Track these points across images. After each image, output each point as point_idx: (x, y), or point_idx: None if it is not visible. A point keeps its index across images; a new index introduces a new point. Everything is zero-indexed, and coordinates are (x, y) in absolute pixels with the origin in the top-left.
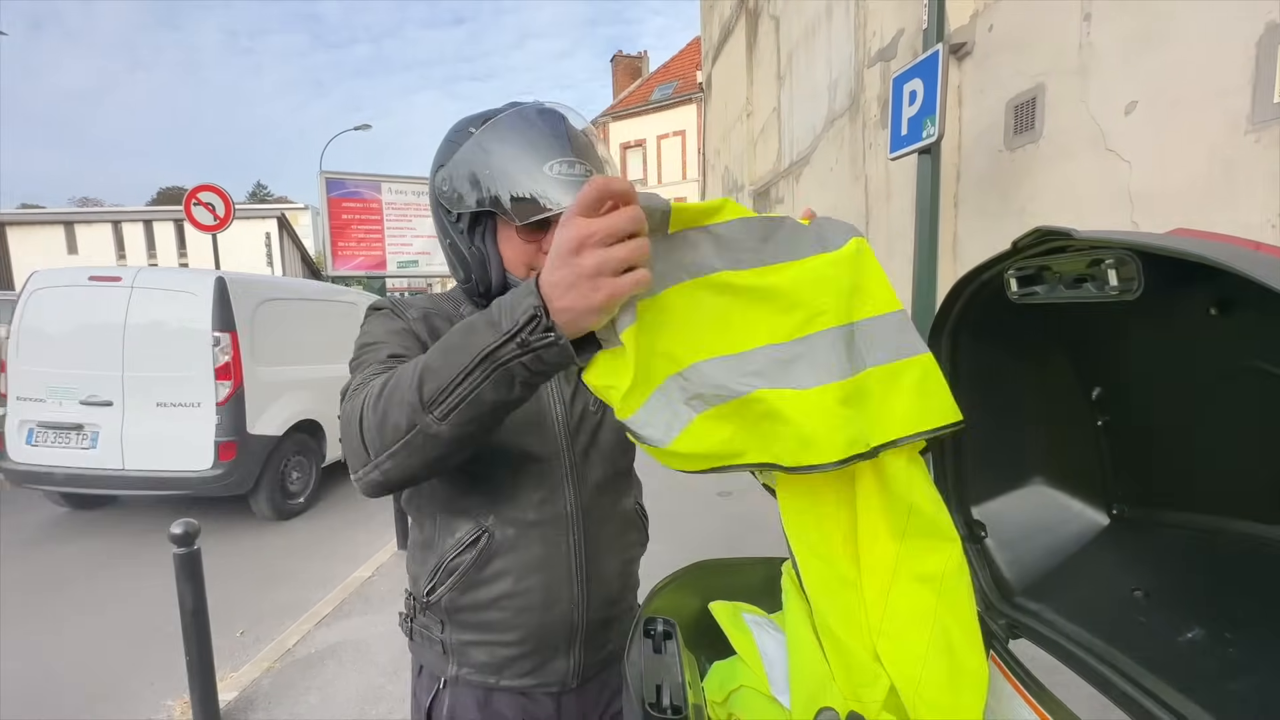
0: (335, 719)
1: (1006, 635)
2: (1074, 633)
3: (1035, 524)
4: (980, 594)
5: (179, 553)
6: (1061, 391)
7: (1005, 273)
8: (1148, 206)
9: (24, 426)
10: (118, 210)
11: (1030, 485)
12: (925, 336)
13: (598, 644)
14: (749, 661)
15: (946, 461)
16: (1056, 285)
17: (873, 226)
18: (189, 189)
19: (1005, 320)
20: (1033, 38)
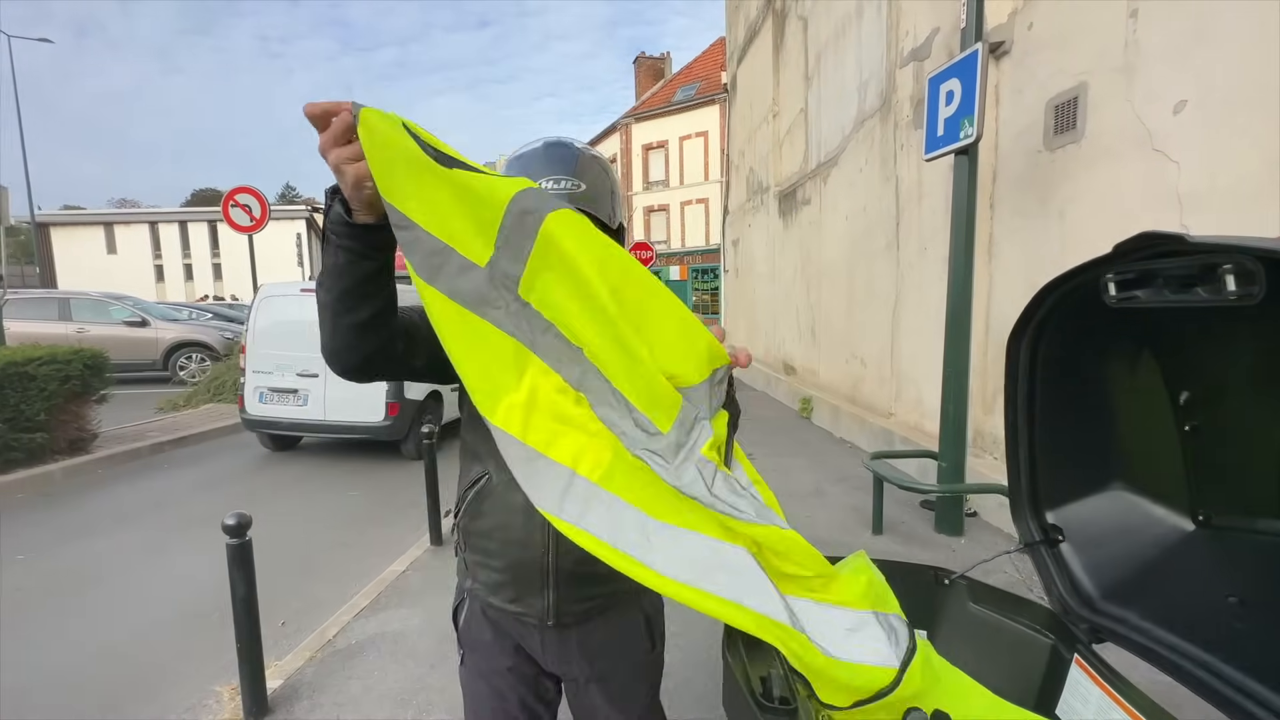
0: (378, 708)
1: (1090, 639)
2: (1166, 638)
3: (1114, 529)
4: (1057, 598)
5: (232, 543)
6: (1146, 395)
7: (1102, 277)
8: (1197, 207)
9: (257, 390)
10: (154, 211)
11: (1109, 490)
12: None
13: (573, 595)
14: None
15: (1020, 464)
16: (1161, 290)
17: (904, 227)
18: (221, 190)
19: (1091, 323)
20: (1075, 36)
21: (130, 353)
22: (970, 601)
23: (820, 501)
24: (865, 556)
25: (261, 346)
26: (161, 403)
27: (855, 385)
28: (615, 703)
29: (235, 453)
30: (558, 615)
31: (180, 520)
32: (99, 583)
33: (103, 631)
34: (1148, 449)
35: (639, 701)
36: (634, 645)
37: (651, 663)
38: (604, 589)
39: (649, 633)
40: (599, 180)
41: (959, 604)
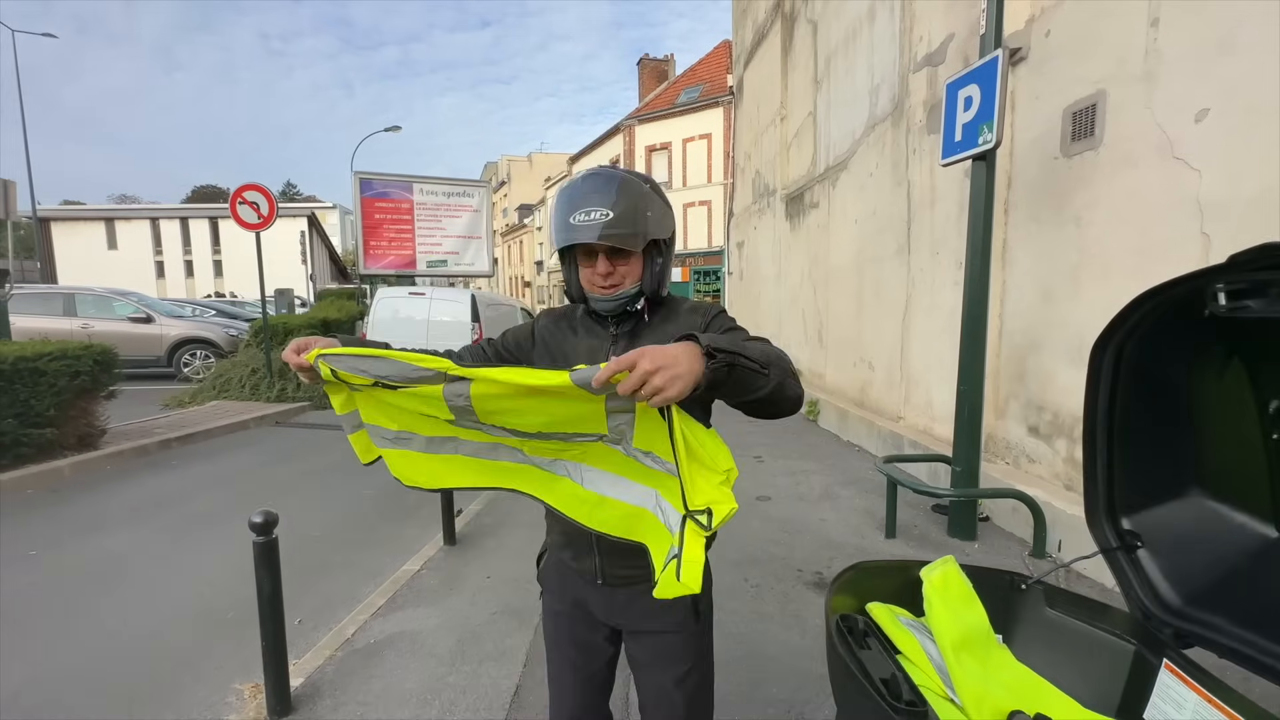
0: (401, 707)
1: (1177, 643)
2: (1259, 642)
3: (1194, 535)
4: (1138, 604)
5: (258, 541)
6: (1233, 404)
7: (1210, 286)
8: (1218, 216)
9: None
10: (155, 207)
11: (1189, 497)
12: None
13: (617, 561)
14: (919, 663)
15: (1098, 470)
16: (1276, 301)
17: (915, 231)
18: (222, 187)
19: (1181, 332)
20: (1093, 43)
21: (134, 349)
22: (1047, 606)
23: (831, 505)
24: (954, 561)
25: (377, 335)
26: (167, 399)
27: (863, 389)
28: (660, 662)
29: (243, 450)
30: (605, 576)
31: (191, 518)
32: (112, 579)
33: (119, 629)
34: (1231, 457)
35: (682, 665)
36: (677, 615)
37: (695, 634)
38: (644, 560)
39: (693, 606)
40: (629, 205)
41: (1036, 609)
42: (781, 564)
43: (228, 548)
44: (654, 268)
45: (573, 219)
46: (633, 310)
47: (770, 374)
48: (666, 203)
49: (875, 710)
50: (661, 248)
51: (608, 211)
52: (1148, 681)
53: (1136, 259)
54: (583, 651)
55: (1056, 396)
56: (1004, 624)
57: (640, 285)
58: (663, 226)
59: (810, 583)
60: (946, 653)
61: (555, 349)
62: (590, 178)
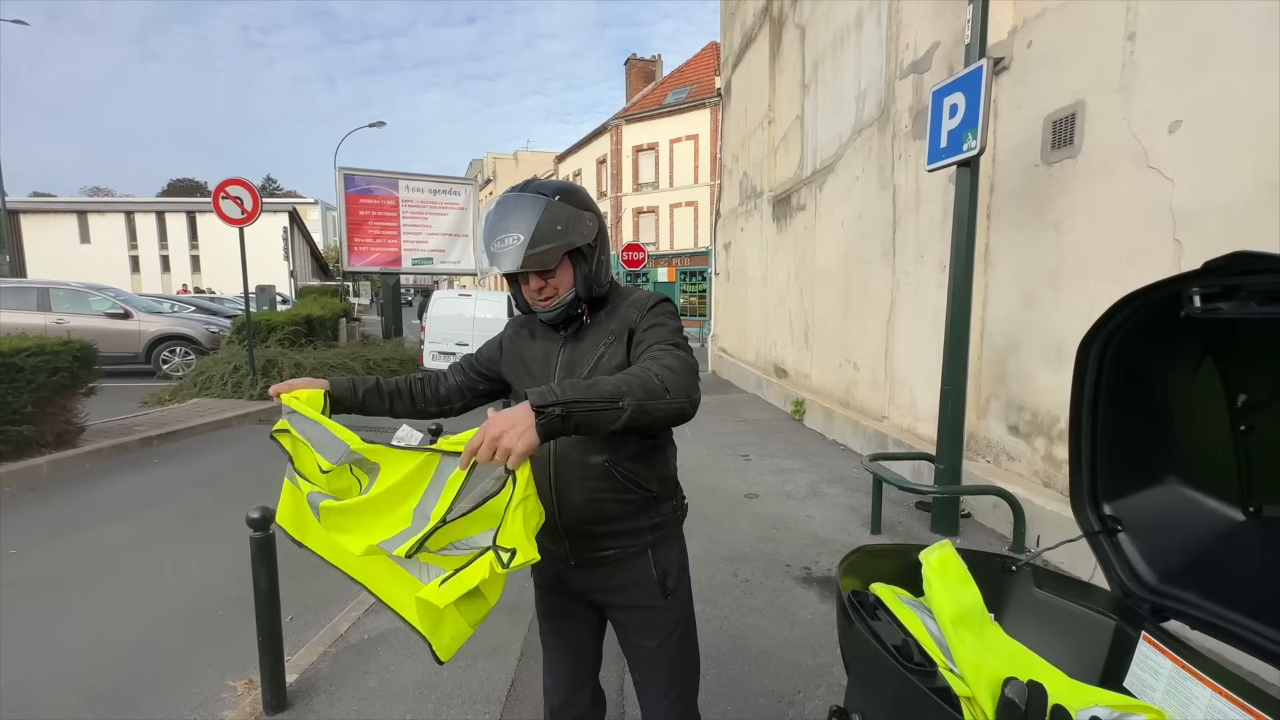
0: (397, 702)
1: (1154, 617)
2: (1228, 615)
3: (1168, 519)
4: (1118, 583)
5: (255, 536)
6: (1205, 399)
7: (1186, 289)
8: (1190, 225)
9: (430, 352)
10: (130, 201)
11: (1164, 484)
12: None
13: (582, 545)
14: (923, 641)
15: (1083, 460)
16: (1246, 303)
17: (900, 234)
18: (199, 180)
19: (1160, 331)
20: (1073, 55)
21: (112, 345)
22: (1035, 586)
23: (818, 502)
24: (950, 545)
25: (433, 327)
26: (146, 397)
27: (848, 389)
28: (640, 633)
29: (225, 448)
30: (575, 558)
31: (174, 516)
32: (96, 578)
33: (105, 628)
34: (1202, 447)
35: (659, 636)
36: (647, 592)
37: (668, 608)
38: (611, 544)
39: (661, 585)
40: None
41: (1025, 589)
42: (770, 560)
43: (214, 546)
44: (583, 273)
45: (491, 247)
46: (574, 314)
47: (624, 404)
48: (583, 204)
49: (891, 672)
50: (585, 253)
51: (519, 236)
52: (1128, 653)
53: (1113, 264)
54: (568, 620)
55: (1036, 397)
56: (996, 603)
57: (574, 291)
58: (580, 234)
59: (798, 578)
60: (946, 628)
61: (517, 357)
62: (501, 203)
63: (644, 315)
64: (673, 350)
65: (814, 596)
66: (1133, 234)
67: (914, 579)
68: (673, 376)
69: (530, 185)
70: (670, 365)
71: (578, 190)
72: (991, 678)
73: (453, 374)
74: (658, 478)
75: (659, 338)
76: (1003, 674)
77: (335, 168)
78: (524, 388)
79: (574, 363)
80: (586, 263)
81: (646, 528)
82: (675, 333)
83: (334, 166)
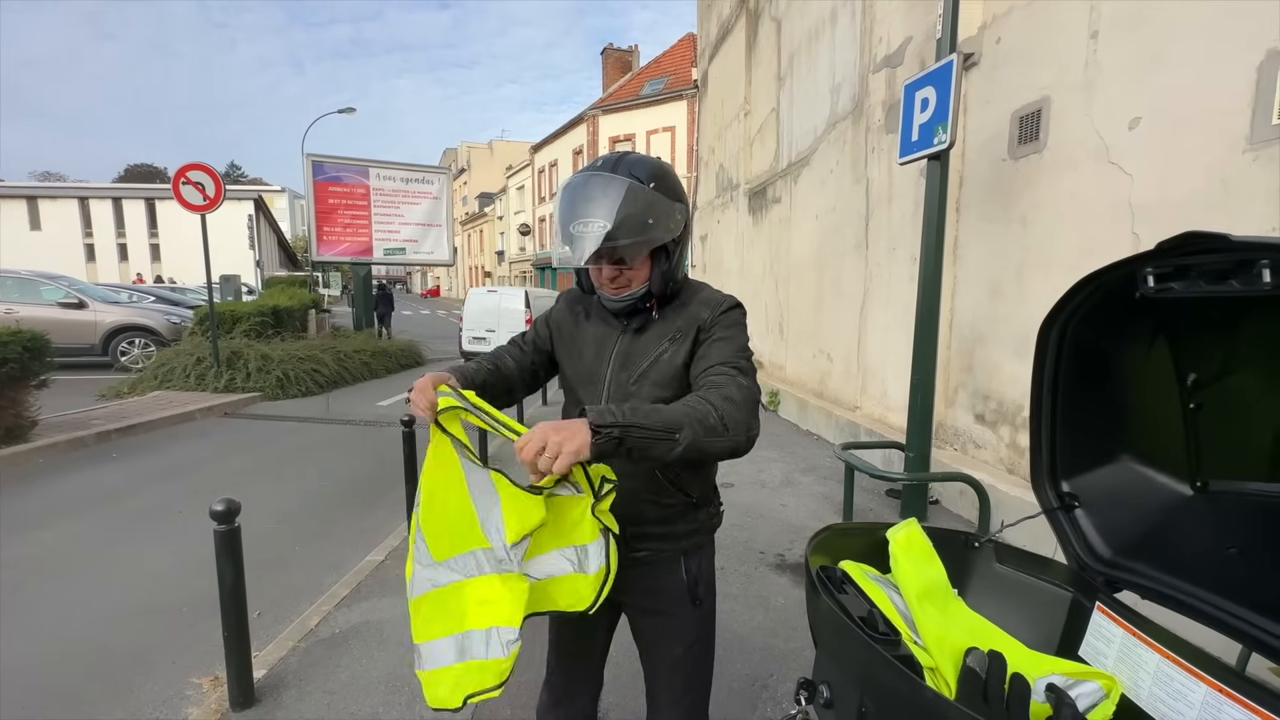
0: (369, 695)
1: (1107, 589)
2: (1176, 584)
3: (1122, 495)
4: (1074, 557)
5: (220, 529)
6: (1157, 378)
7: (1140, 270)
8: (1147, 218)
9: (467, 337)
10: (84, 186)
11: (1119, 461)
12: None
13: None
14: (889, 614)
15: (1042, 439)
16: (1196, 282)
17: (873, 227)
18: (158, 166)
19: (1116, 313)
20: (1039, 53)
21: (66, 336)
22: (996, 562)
23: (792, 491)
24: (916, 523)
25: (470, 317)
26: (104, 389)
27: (822, 380)
28: (665, 637)
29: (190, 442)
30: None
31: (136, 511)
32: (52, 576)
33: (62, 627)
34: (1154, 425)
35: (683, 644)
36: (676, 597)
37: (696, 616)
38: (644, 546)
39: (691, 591)
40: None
41: (986, 564)
42: (744, 548)
43: (178, 542)
44: (662, 269)
45: (572, 227)
46: (643, 307)
47: (680, 437)
48: (675, 196)
49: (856, 642)
50: (669, 248)
51: (606, 223)
52: (1083, 623)
53: (1075, 257)
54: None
55: (1001, 386)
56: (959, 578)
57: (648, 286)
58: (668, 229)
59: (772, 565)
60: (911, 602)
61: (568, 339)
62: (592, 181)
63: (715, 318)
64: (736, 379)
65: (787, 583)
66: (1094, 228)
67: (881, 557)
68: (734, 411)
69: (623, 164)
70: (732, 397)
71: (672, 176)
72: (954, 649)
73: (510, 357)
74: (700, 483)
75: (724, 356)
76: (965, 645)
77: (303, 154)
78: (574, 372)
79: (631, 356)
80: (668, 258)
81: (682, 533)
82: (741, 351)
83: (302, 153)
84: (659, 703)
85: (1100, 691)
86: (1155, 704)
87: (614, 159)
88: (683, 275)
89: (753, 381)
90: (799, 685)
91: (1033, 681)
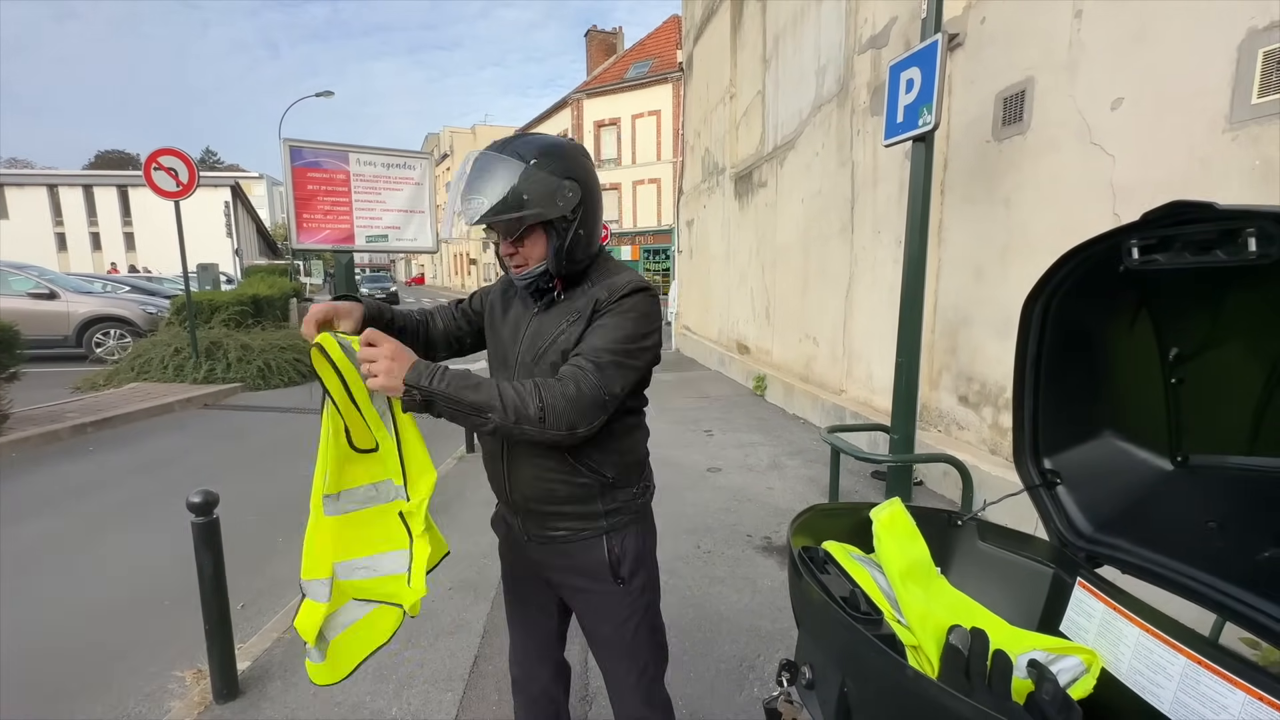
0: (357, 684)
1: (1088, 564)
2: (1157, 558)
3: (1103, 471)
4: (1056, 533)
5: (198, 521)
6: (1139, 353)
7: (1125, 242)
8: (1129, 199)
9: None
10: (53, 173)
11: (1100, 438)
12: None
13: (536, 525)
14: (871, 594)
15: (1025, 416)
16: (1180, 253)
17: (858, 210)
18: (130, 153)
19: (1099, 287)
20: (1024, 32)
21: (37, 328)
22: (979, 540)
23: (778, 474)
24: (900, 502)
25: None
26: (79, 381)
27: (808, 364)
28: (593, 617)
29: (169, 434)
30: (528, 534)
31: (113, 505)
32: (28, 572)
33: (39, 622)
34: (1136, 401)
35: (612, 622)
36: (599, 575)
37: (623, 594)
38: (561, 525)
39: (613, 569)
40: (507, 189)
41: (969, 542)
42: (731, 531)
43: (158, 535)
44: (554, 246)
45: (457, 204)
46: (547, 287)
47: (490, 418)
48: (565, 172)
49: (838, 622)
50: (559, 225)
51: (484, 200)
52: (1064, 598)
53: (1058, 238)
54: (530, 596)
55: (984, 368)
56: (942, 557)
57: (545, 264)
58: (552, 205)
59: (759, 548)
60: (894, 581)
61: (495, 319)
62: (476, 160)
63: (611, 303)
64: (586, 375)
65: (774, 565)
66: (1076, 209)
67: (865, 537)
68: (563, 406)
69: (511, 145)
70: (567, 393)
71: (565, 153)
72: (937, 627)
73: (440, 317)
74: (615, 463)
75: (591, 345)
76: (947, 623)
77: (280, 139)
78: (493, 350)
79: (538, 336)
80: (560, 236)
81: (600, 513)
82: (617, 342)
83: (279, 138)
84: (610, 683)
85: (1081, 666)
86: (1135, 677)
87: (509, 139)
88: (600, 256)
89: (608, 378)
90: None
91: (1015, 658)
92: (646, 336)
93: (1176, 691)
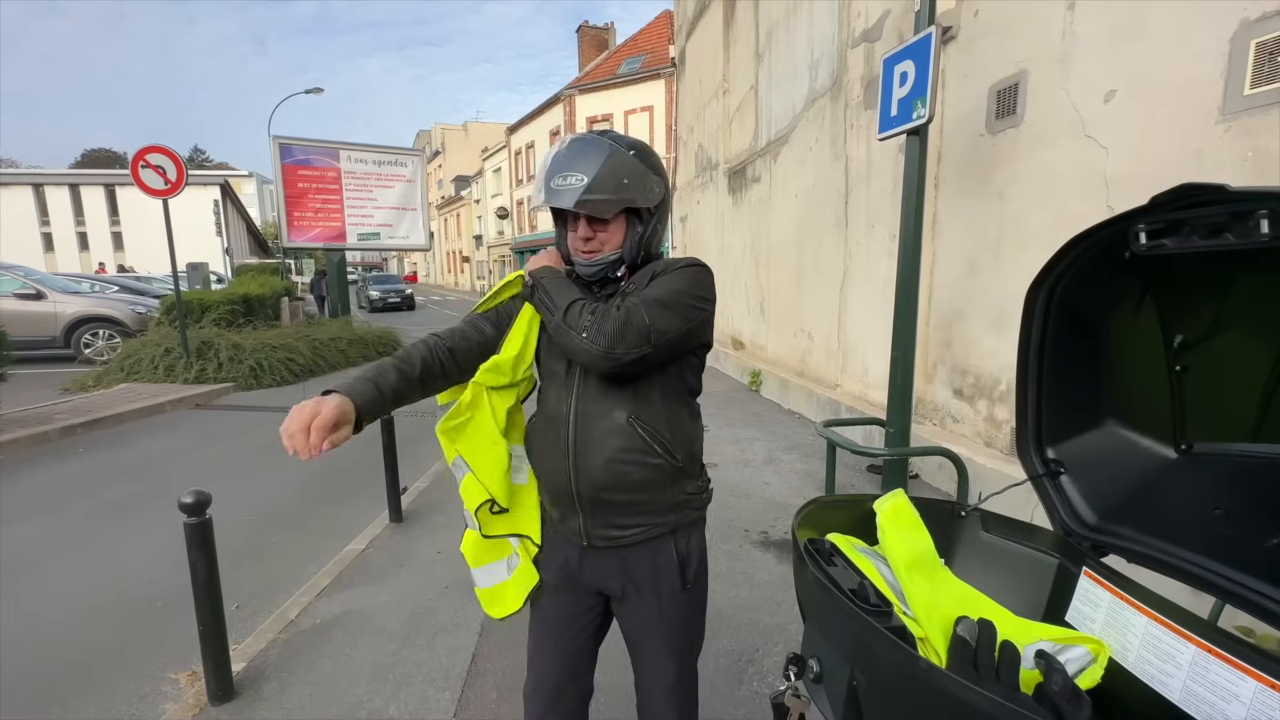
0: (353, 684)
1: (1094, 553)
2: (1162, 547)
3: (1106, 459)
4: (1060, 523)
5: (190, 522)
6: (1145, 341)
7: (1132, 227)
8: (1122, 192)
9: None
10: (39, 172)
11: (1104, 426)
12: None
13: (604, 523)
14: (877, 584)
15: (1028, 405)
16: (1189, 237)
17: (852, 205)
18: (117, 151)
19: (1104, 273)
20: (1017, 25)
21: (24, 329)
22: (983, 530)
23: (774, 469)
24: (903, 494)
25: None
26: (68, 383)
27: (803, 358)
28: (651, 626)
29: (160, 435)
30: (589, 538)
31: (105, 507)
32: (19, 574)
33: (31, 625)
34: (1140, 389)
35: (669, 633)
36: (666, 579)
37: (685, 601)
38: (631, 523)
39: (681, 572)
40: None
41: (973, 533)
42: (729, 525)
43: (151, 536)
44: (634, 235)
45: (552, 183)
46: (613, 276)
47: (555, 318)
48: (654, 168)
49: (848, 614)
50: (644, 215)
51: (583, 178)
52: (1069, 588)
53: (1052, 232)
54: (569, 625)
55: (979, 361)
56: (946, 548)
57: (620, 253)
58: (645, 194)
59: (756, 542)
60: (899, 573)
61: None
62: (574, 142)
63: (667, 271)
64: (638, 308)
65: (771, 559)
66: (1069, 202)
67: (868, 528)
68: (608, 325)
69: (607, 134)
70: (617, 317)
71: (652, 152)
72: (943, 618)
73: (460, 337)
74: (684, 448)
75: (645, 294)
76: (954, 614)
77: (270, 136)
78: (547, 346)
79: None
80: (642, 225)
81: (669, 505)
82: (668, 294)
83: (268, 135)
84: (647, 686)
85: (1088, 656)
86: (1143, 666)
87: (599, 132)
88: (660, 253)
89: (655, 315)
90: (788, 660)
91: (1022, 648)
92: (698, 297)
93: (1186, 680)
